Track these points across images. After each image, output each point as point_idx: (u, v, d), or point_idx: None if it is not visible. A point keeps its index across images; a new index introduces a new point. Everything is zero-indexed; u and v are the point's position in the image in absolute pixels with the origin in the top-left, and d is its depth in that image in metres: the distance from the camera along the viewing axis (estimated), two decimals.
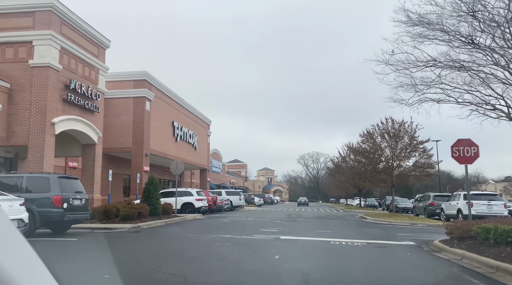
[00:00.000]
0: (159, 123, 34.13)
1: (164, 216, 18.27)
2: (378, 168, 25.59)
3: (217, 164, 67.07)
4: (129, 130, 30.86)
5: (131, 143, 30.74)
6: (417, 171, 24.57)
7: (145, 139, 31.00)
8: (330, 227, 17.45)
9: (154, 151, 32.61)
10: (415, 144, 24.44)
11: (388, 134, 24.87)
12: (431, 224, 19.62)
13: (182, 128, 39.40)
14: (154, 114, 32.85)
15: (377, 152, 25.21)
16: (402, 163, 24.64)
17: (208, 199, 26.33)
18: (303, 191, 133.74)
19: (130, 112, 30.98)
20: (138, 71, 31.44)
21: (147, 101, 31.35)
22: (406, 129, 24.38)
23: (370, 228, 17.44)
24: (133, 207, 15.30)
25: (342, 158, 41.85)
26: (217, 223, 18.00)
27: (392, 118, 25.16)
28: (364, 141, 25.59)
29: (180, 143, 38.95)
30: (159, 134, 33.89)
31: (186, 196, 23.77)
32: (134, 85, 31.28)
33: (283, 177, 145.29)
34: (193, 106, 43.86)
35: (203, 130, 48.21)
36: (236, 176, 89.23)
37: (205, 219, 20.85)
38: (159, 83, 33.64)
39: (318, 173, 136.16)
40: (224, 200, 31.54)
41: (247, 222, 18.96)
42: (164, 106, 35.24)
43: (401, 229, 17.04)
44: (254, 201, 46.24)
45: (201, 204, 23.63)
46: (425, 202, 26.90)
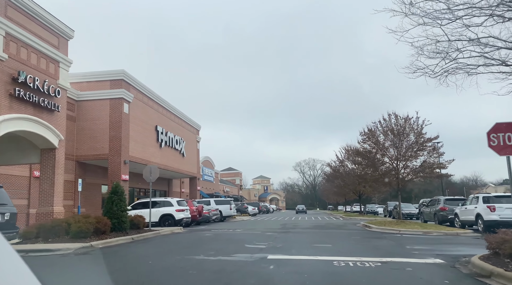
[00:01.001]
0: (140, 127, 31.27)
1: (133, 231, 15.35)
2: (382, 169, 22.84)
3: (209, 172, 64.14)
4: (106, 136, 27.98)
5: (107, 149, 27.82)
6: (425, 171, 21.84)
7: (124, 145, 28.11)
8: (330, 239, 14.61)
9: (134, 158, 29.69)
10: (422, 141, 21.76)
11: (392, 132, 22.19)
12: (448, 232, 16.82)
13: (167, 133, 36.53)
14: (134, 117, 30.01)
15: (380, 152, 22.50)
16: (409, 163, 21.92)
17: (192, 209, 23.41)
18: (300, 199, 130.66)
19: (106, 116, 28.12)
20: (114, 70, 28.67)
21: (125, 103, 28.52)
22: (411, 125, 21.72)
23: (378, 239, 14.62)
24: (89, 222, 12.38)
25: (340, 162, 39.15)
26: (196, 238, 15.09)
27: (395, 114, 22.52)
28: (365, 140, 22.91)
29: (165, 149, 36.05)
30: (140, 140, 31.01)
31: (165, 207, 20.84)
32: (111, 85, 28.48)
33: (279, 184, 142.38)
34: (180, 110, 41.05)
35: (191, 136, 45.34)
36: (231, 184, 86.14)
37: (185, 233, 17.92)
38: (139, 83, 30.84)
39: (315, 180, 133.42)
40: (212, 210, 28.60)
41: (233, 236, 16.06)
42: (145, 109, 32.41)
43: (415, 240, 14.24)
44: (247, 210, 43.28)
45: (182, 215, 20.71)
46: (434, 206, 24.14)
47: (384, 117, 22.77)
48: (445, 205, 22.77)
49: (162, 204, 20.98)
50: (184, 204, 21.62)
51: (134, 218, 15.92)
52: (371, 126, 22.85)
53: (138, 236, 14.40)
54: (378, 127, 22.92)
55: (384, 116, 22.85)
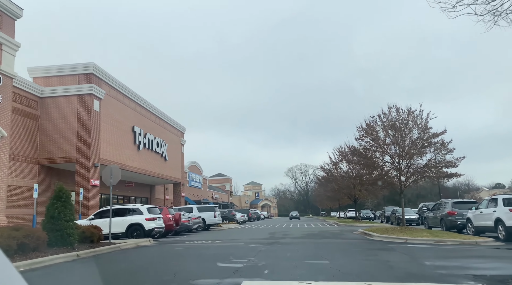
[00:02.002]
0: (114, 127, 28.33)
1: (84, 245, 12.42)
2: (383, 168, 20.19)
3: (196, 178, 61.12)
4: (73, 136, 25.01)
5: (75, 151, 24.83)
6: (431, 171, 19.24)
7: (93, 146, 25.14)
8: (327, 252, 11.86)
9: (107, 161, 26.67)
10: (428, 137, 19.19)
11: (393, 127, 19.61)
12: (465, 241, 14.15)
13: (147, 135, 33.61)
14: (106, 116, 27.09)
15: (380, 149, 19.87)
16: (413, 161, 19.30)
17: (167, 218, 20.48)
18: (292, 205, 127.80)
19: (74, 114, 25.17)
20: (83, 63, 25.79)
21: (95, 100, 25.59)
22: (415, 118, 19.17)
23: (386, 251, 11.89)
24: (12, 236, 9.46)
25: (334, 164, 36.48)
26: (159, 254, 12.22)
27: (396, 107, 19.96)
28: (363, 136, 20.29)
29: (144, 152, 33.09)
30: (114, 141, 28.05)
31: (133, 215, 17.89)
32: (79, 80, 25.57)
33: (271, 191, 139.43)
34: (161, 110, 38.18)
35: (175, 139, 42.42)
36: (220, 191, 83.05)
37: (152, 246, 15.01)
38: (112, 79, 27.95)
39: (307, 185, 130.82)
40: (194, 218, 25.65)
41: (208, 249, 13.21)
42: (121, 107, 29.50)
43: (431, 252, 11.55)
44: (235, 217, 40.33)
45: (153, 224, 17.77)
46: (440, 211, 21.53)
47: (384, 111, 20.23)
48: (454, 209, 20.17)
49: (129, 212, 18.02)
50: (156, 211, 18.68)
51: (87, 230, 12.98)
52: (369, 121, 20.27)
53: (87, 252, 11.49)
54: (377, 122, 20.34)
55: (383, 110, 20.32)
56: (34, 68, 25.80)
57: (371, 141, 20.38)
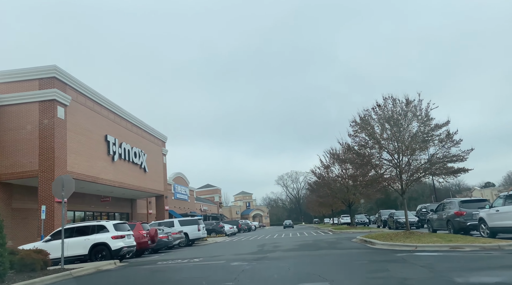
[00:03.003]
0: (84, 137, 25.75)
1: (22, 275, 9.87)
2: (381, 166, 18.01)
3: (182, 190, 58.32)
4: (35, 148, 22.37)
5: (37, 164, 22.17)
6: (435, 167, 17.12)
7: (58, 158, 22.52)
8: (325, 269, 9.55)
9: (76, 174, 24.05)
10: (429, 129, 17.13)
11: (391, 119, 17.51)
12: (486, 245, 11.94)
13: (122, 144, 31.02)
14: (74, 125, 24.52)
15: (377, 145, 17.71)
16: (415, 157, 17.17)
17: (140, 235, 17.95)
18: (284, 213, 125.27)
19: (35, 123, 22.58)
20: (44, 66, 23.27)
21: (59, 106, 23.05)
22: (415, 107, 17.11)
23: (396, 264, 9.63)
24: None
25: (325, 167, 34.29)
26: (116, 282, 9.73)
27: (392, 97, 17.89)
28: (357, 132, 18.14)
29: (120, 163, 30.47)
30: (84, 152, 25.44)
31: (97, 233, 15.30)
32: (40, 85, 23.02)
33: (262, 200, 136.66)
34: (139, 118, 35.67)
35: (155, 148, 39.82)
36: (209, 202, 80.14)
37: (115, 270, 12.48)
38: (79, 83, 25.43)
39: (299, 192, 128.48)
40: (174, 233, 23.09)
41: (178, 273, 10.76)
42: (91, 115, 26.94)
43: (453, 262, 9.33)
44: (223, 229, 37.74)
45: (121, 243, 15.19)
46: (445, 212, 19.43)
47: (379, 103, 18.13)
48: (462, 208, 18.06)
49: (93, 229, 15.43)
50: (125, 228, 16.11)
51: (26, 256, 10.43)
52: (363, 114, 18.14)
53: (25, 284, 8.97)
54: (372, 116, 18.21)
55: (378, 102, 18.23)
56: None
57: (366, 137, 18.23)
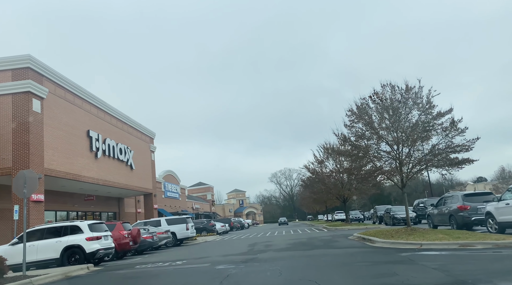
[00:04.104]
0: (64, 132, 24.20)
1: None
2: (380, 157, 16.75)
3: (173, 188, 56.86)
4: (8, 143, 20.81)
5: (11, 161, 20.63)
6: (437, 158, 15.93)
7: (34, 154, 20.97)
8: (322, 272, 8.27)
9: (55, 171, 22.56)
10: (431, 118, 15.92)
11: (389, 108, 16.28)
12: (499, 242, 10.73)
13: (106, 140, 29.48)
14: (52, 119, 22.97)
15: (376, 136, 16.46)
16: (418, 147, 15.96)
17: (120, 235, 16.55)
18: (278, 211, 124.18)
19: (8, 116, 21.02)
20: (17, 55, 21.68)
21: (34, 99, 21.48)
22: (416, 94, 15.88)
23: (404, 266, 8.37)
24: None
25: (319, 162, 33.07)
26: None
27: (391, 84, 16.63)
28: (353, 122, 16.87)
29: (104, 160, 28.95)
30: (63, 148, 23.90)
31: (70, 235, 13.86)
32: (13, 76, 21.44)
33: (256, 198, 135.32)
34: (124, 113, 34.12)
35: (142, 145, 38.29)
36: (201, 200, 78.69)
37: (86, 276, 11.10)
38: (56, 75, 23.86)
39: (292, 190, 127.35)
40: (160, 232, 21.69)
41: (154, 279, 9.40)
42: (71, 109, 25.38)
43: (472, 265, 8.09)
44: (214, 228, 36.38)
45: (97, 245, 13.78)
46: (447, 206, 18.28)
47: (376, 90, 16.87)
48: (465, 202, 16.92)
49: (65, 231, 13.98)
50: (102, 228, 14.69)
51: None
52: (360, 103, 16.88)
53: None
54: (369, 104, 16.95)
55: (375, 89, 16.96)
56: None
57: (363, 127, 16.97)
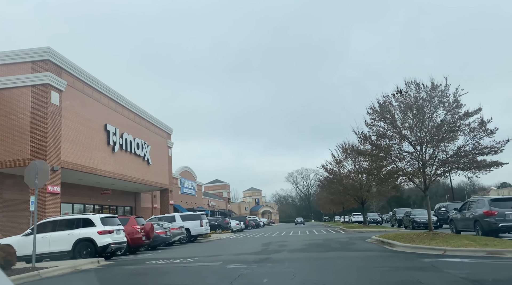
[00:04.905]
0: (81, 125, 24.28)
1: None
2: (402, 158, 16.03)
3: (190, 184, 56.94)
4: (26, 135, 20.96)
5: (28, 152, 20.77)
6: (463, 160, 15.11)
7: (51, 146, 21.08)
8: (338, 277, 7.77)
9: (71, 164, 22.64)
10: (457, 118, 15.11)
11: (413, 107, 15.55)
12: None
13: (123, 134, 29.53)
14: (70, 111, 23.06)
15: (398, 135, 15.76)
16: (443, 148, 15.18)
17: (134, 230, 16.37)
18: (294, 211, 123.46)
19: (27, 108, 21.16)
20: (37, 48, 21.80)
21: (53, 92, 21.58)
22: (443, 93, 15.10)
23: (428, 273, 7.77)
24: None
25: (337, 162, 32.36)
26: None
27: (416, 82, 15.89)
28: (375, 120, 16.20)
29: (121, 154, 29.00)
30: (80, 141, 23.98)
31: (82, 228, 13.73)
32: (33, 68, 21.58)
33: (272, 197, 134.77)
34: (142, 108, 34.17)
35: (160, 141, 38.33)
36: (217, 197, 78.74)
37: (95, 270, 10.88)
38: (75, 68, 23.94)
39: (309, 190, 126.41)
40: (174, 228, 21.50)
41: (162, 277, 9.07)
42: (89, 102, 25.47)
43: (503, 274, 7.44)
44: (229, 225, 36.11)
45: (109, 239, 13.60)
46: (472, 211, 17.39)
47: (400, 88, 16.15)
48: (492, 207, 16.03)
49: (78, 223, 13.86)
50: (115, 222, 14.51)
51: None
52: (382, 100, 16.19)
53: None
54: (392, 102, 16.25)
55: (399, 87, 16.23)
56: None
57: (385, 126, 16.29)
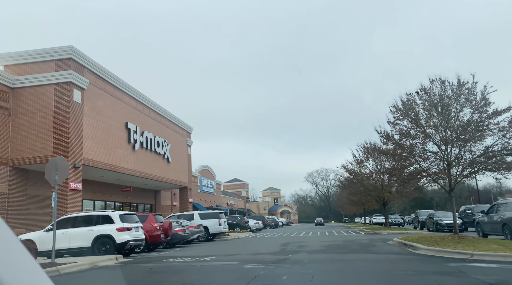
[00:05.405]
0: (103, 123, 24.60)
1: None
2: (425, 158, 15.48)
3: (209, 183, 57.14)
4: (49, 132, 21.34)
5: (51, 149, 21.15)
6: (491, 161, 14.47)
7: (73, 143, 21.40)
8: (360, 281, 7.46)
9: (92, 161, 22.95)
10: (485, 116, 14.48)
11: (438, 105, 15.00)
12: None
13: (144, 133, 29.80)
14: (91, 109, 23.38)
15: (422, 134, 15.23)
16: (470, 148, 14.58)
17: (153, 227, 16.39)
18: (313, 211, 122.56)
19: (51, 106, 21.54)
20: (60, 47, 22.16)
21: (75, 90, 21.90)
22: (470, 91, 14.50)
23: (454, 278, 7.38)
24: None
25: (358, 162, 31.75)
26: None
27: (441, 79, 15.32)
28: (398, 119, 15.70)
29: (141, 152, 29.27)
30: (102, 139, 24.29)
31: (102, 224, 13.82)
32: (56, 67, 21.96)
33: (291, 197, 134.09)
34: (162, 106, 34.41)
35: (180, 139, 38.54)
36: (236, 197, 78.85)
37: (112, 267, 10.90)
38: (97, 66, 24.25)
39: (329, 190, 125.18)
40: (192, 226, 21.49)
41: (179, 276, 8.97)
42: (110, 100, 25.78)
43: None
44: (247, 225, 35.98)
45: (127, 236, 13.64)
46: (500, 214, 16.65)
47: (424, 86, 15.60)
48: None
49: (97, 220, 13.96)
50: (134, 219, 14.55)
51: None
52: (406, 98, 15.67)
53: None
54: (416, 101, 15.72)
55: (423, 85, 15.70)
56: (5, 55, 22.40)
57: (408, 125, 15.77)
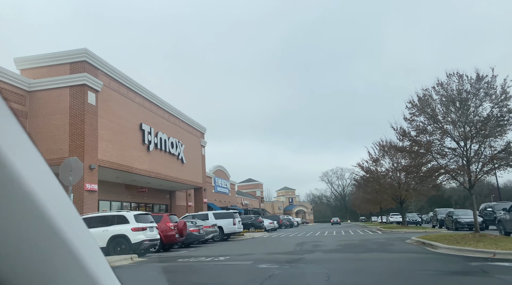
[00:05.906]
0: (117, 125, 24.79)
1: None
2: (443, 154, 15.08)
3: (223, 183, 57.23)
4: (65, 134, 21.60)
5: (67, 151, 21.39)
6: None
7: (89, 145, 21.60)
8: (378, 280, 7.23)
9: (107, 163, 23.15)
10: (506, 110, 14.02)
11: (456, 100, 14.59)
12: None
13: (158, 134, 29.96)
14: (106, 111, 23.59)
15: (440, 130, 14.83)
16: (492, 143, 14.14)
17: (168, 227, 16.40)
18: (329, 211, 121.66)
19: (66, 108, 21.80)
20: (74, 49, 22.42)
21: (90, 92, 22.12)
22: (489, 85, 14.06)
23: (477, 278, 7.10)
24: None
25: (374, 160, 31.28)
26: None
27: (459, 73, 14.89)
28: (414, 115, 15.31)
29: (156, 153, 29.42)
30: (116, 140, 24.49)
31: (117, 224, 13.86)
32: (71, 69, 22.22)
33: (306, 196, 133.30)
34: (176, 107, 34.55)
35: (193, 140, 38.65)
36: (250, 197, 78.77)
37: (127, 267, 10.90)
38: (111, 68, 24.46)
39: (344, 189, 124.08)
40: (207, 226, 21.46)
41: (192, 276, 8.88)
42: (124, 102, 25.97)
43: None
44: (262, 224, 35.83)
45: (142, 236, 13.66)
46: None
47: (441, 81, 15.20)
48: None
49: (112, 220, 14.02)
50: (148, 219, 14.56)
51: None
52: (422, 94, 15.29)
53: None
54: (432, 96, 15.32)
55: (440, 80, 15.29)
56: (21, 59, 22.78)
57: (425, 121, 15.39)
